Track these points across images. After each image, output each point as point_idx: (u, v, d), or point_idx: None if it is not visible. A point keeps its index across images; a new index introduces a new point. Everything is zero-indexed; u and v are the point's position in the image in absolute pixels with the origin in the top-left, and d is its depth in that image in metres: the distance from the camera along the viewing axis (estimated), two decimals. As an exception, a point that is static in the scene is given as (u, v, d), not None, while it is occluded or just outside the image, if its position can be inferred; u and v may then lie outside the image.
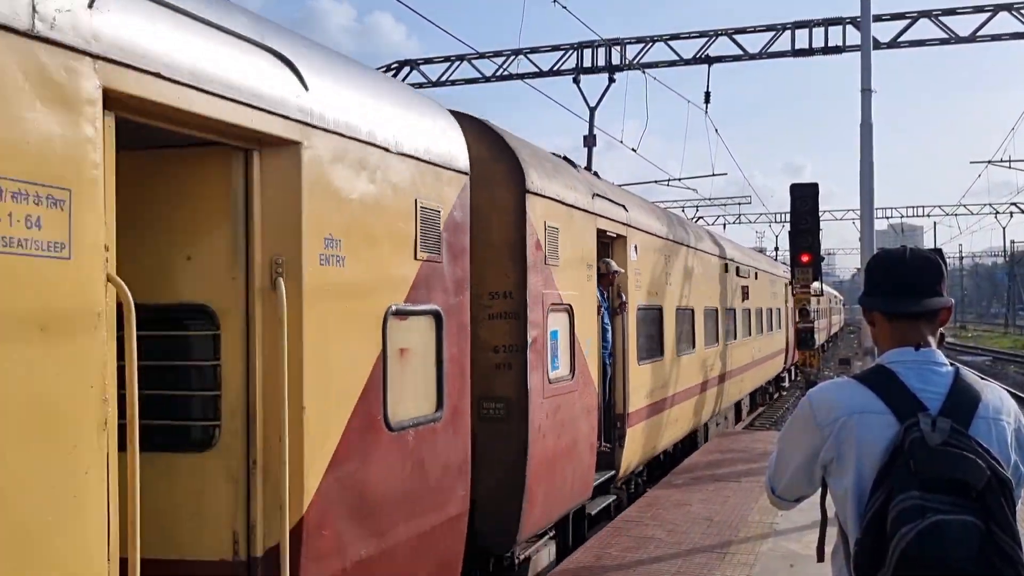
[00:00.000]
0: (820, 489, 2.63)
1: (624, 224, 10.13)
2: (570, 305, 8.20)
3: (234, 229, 4.19)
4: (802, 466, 2.59)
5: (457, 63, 23.40)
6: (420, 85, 22.73)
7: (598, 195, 9.27)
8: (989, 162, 40.71)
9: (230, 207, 4.20)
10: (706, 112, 21.73)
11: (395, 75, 23.02)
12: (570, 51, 22.28)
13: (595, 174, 10.97)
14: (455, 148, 6.01)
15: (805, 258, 16.14)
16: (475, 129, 7.10)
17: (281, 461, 4.15)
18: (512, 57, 22.93)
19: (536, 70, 22.79)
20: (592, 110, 20.39)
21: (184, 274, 4.19)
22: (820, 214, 16.38)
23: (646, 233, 11.15)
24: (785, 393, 28.69)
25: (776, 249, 63.10)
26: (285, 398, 4.14)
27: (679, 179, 31.63)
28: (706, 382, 14.91)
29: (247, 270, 4.21)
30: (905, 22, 20.05)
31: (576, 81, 21.31)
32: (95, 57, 3.17)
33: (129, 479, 3.32)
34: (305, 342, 4.28)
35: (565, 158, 9.41)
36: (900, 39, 20.06)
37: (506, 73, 23.04)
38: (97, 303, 3.16)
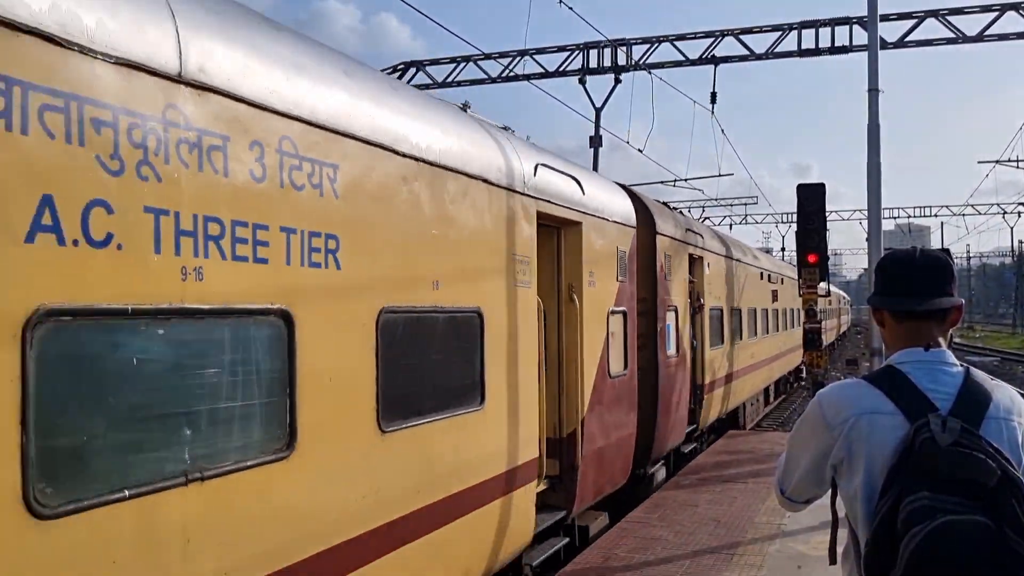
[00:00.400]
0: (831, 490, 2.61)
1: (702, 249, 14.11)
2: (676, 307, 12.18)
3: (553, 269, 8.16)
4: (812, 467, 2.59)
5: (463, 64, 23.31)
6: (426, 86, 22.56)
7: (689, 230, 13.26)
8: (997, 162, 40.64)
9: (552, 258, 8.16)
10: (712, 112, 21.73)
11: (401, 76, 22.92)
12: (576, 52, 22.26)
13: (665, 204, 14.92)
14: (630, 211, 9.99)
15: (812, 258, 15.99)
16: (626, 193, 11.05)
17: (577, 387, 8.13)
18: (518, 58, 22.85)
19: (542, 71, 22.67)
20: (598, 111, 20.60)
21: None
22: (827, 214, 16.22)
23: (713, 253, 15.14)
24: (803, 383, 32.07)
25: (783, 249, 64.29)
26: (579, 356, 8.12)
27: (685, 179, 30.86)
28: (750, 366, 18.93)
29: (558, 290, 8.18)
30: (912, 22, 19.94)
31: (582, 82, 21.42)
32: (534, 198, 7.14)
33: (540, 391, 7.29)
34: (583, 328, 8.24)
35: (665, 204, 13.37)
36: (907, 39, 19.95)
37: (512, 74, 22.89)
38: (535, 305, 7.13)
